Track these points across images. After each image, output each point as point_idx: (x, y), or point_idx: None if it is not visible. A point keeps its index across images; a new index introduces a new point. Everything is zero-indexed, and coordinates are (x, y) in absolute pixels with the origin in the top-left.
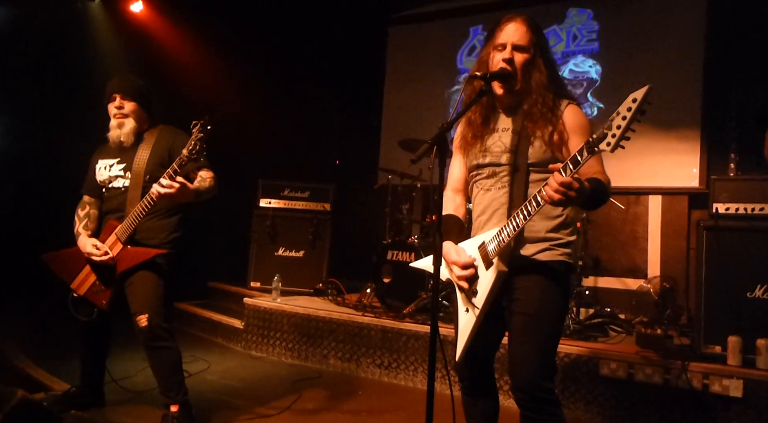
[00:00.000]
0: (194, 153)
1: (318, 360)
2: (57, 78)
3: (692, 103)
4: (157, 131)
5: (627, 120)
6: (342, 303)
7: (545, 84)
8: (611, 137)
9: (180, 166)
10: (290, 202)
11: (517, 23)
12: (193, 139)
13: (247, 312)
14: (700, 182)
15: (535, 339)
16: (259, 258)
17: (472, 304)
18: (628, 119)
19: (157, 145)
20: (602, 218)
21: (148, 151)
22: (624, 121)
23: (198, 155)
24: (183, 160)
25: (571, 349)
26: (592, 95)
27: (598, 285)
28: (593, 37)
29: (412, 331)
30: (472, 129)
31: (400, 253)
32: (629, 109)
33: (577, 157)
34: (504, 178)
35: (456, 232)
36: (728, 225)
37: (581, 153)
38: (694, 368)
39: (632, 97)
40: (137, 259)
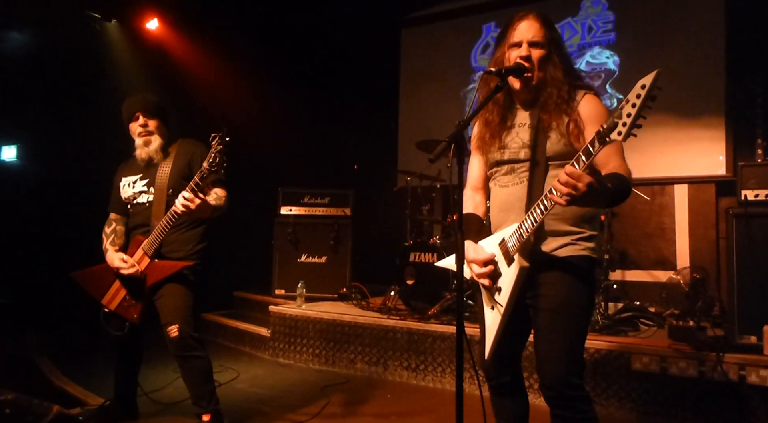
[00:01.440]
0: (214, 165)
1: (345, 365)
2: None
3: (715, 89)
4: (176, 145)
5: (637, 107)
6: (366, 307)
7: (561, 77)
8: (622, 126)
9: (201, 178)
10: (311, 209)
11: (530, 20)
12: (213, 151)
13: (273, 320)
14: (727, 169)
15: (561, 336)
16: (282, 266)
17: (497, 302)
18: (638, 106)
19: (178, 159)
20: (627, 211)
21: (170, 165)
22: (634, 108)
23: (218, 167)
24: (204, 173)
25: (600, 345)
26: (611, 86)
27: (626, 279)
28: (609, 28)
29: (438, 332)
30: (489, 129)
31: (422, 254)
32: (638, 95)
33: (589, 148)
34: (522, 173)
35: (476, 231)
36: (758, 211)
37: (593, 144)
38: (729, 360)
39: (641, 84)
40: (165, 272)
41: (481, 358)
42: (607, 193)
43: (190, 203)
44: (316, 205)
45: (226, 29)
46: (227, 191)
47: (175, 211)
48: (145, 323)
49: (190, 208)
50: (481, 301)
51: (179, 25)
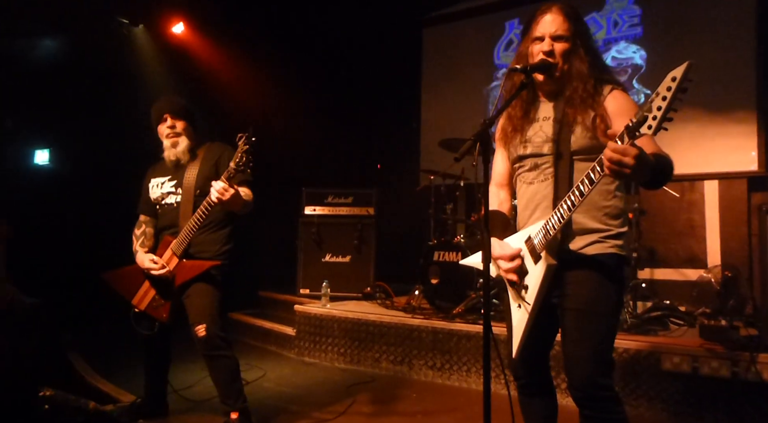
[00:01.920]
0: (241, 165)
1: (370, 364)
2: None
3: (746, 83)
4: (204, 147)
5: (667, 100)
6: (391, 306)
7: (586, 71)
8: (652, 120)
9: (228, 178)
10: (334, 209)
11: (554, 13)
12: (239, 151)
13: (298, 319)
14: (759, 165)
15: (589, 335)
16: (307, 265)
17: (524, 300)
18: (669, 99)
19: (205, 161)
20: (656, 208)
21: (197, 167)
22: (664, 102)
23: (245, 167)
24: (231, 173)
25: (630, 344)
26: (638, 82)
27: (654, 277)
28: (636, 22)
29: (463, 331)
30: (512, 122)
31: (446, 253)
32: (669, 88)
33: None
34: (547, 169)
35: (501, 228)
36: None
37: (621, 138)
38: (763, 360)
39: (671, 76)
40: (193, 272)
41: (509, 358)
42: (651, 165)
43: (225, 193)
44: (339, 205)
45: (251, 31)
46: (253, 191)
47: (209, 202)
48: (174, 322)
49: (223, 200)
50: (508, 299)
51: (204, 29)
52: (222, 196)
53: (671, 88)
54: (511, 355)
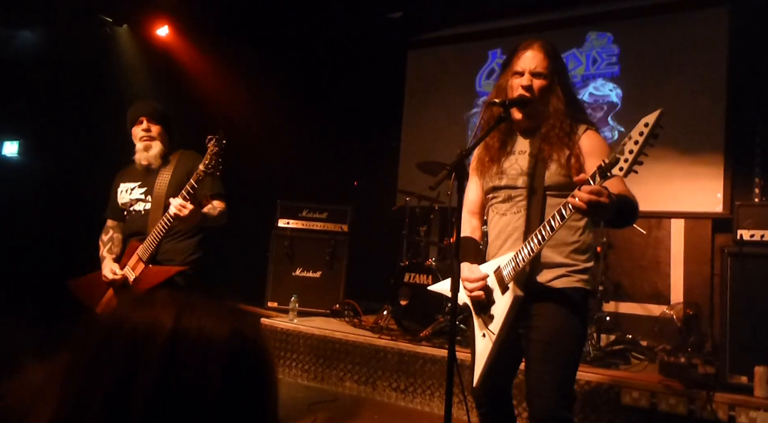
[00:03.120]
0: (210, 167)
1: (334, 382)
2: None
3: (715, 126)
4: (178, 155)
5: (639, 144)
6: (358, 325)
7: (563, 109)
8: (623, 162)
9: (197, 181)
10: (308, 223)
11: (535, 50)
12: (209, 153)
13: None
14: (724, 207)
15: (553, 367)
16: (277, 278)
17: (489, 329)
18: (641, 143)
19: (178, 169)
20: (623, 243)
21: (169, 174)
22: (636, 145)
23: (214, 169)
24: (200, 175)
25: (591, 377)
26: (612, 119)
27: (619, 310)
28: (613, 61)
29: (428, 354)
30: (489, 153)
31: (417, 275)
32: (641, 133)
33: (589, 182)
34: (520, 202)
35: (472, 254)
36: (753, 252)
37: (593, 178)
38: (719, 399)
39: (644, 122)
40: (158, 278)
41: (471, 385)
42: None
43: (182, 209)
44: (313, 220)
45: (235, 42)
46: (226, 205)
47: (168, 217)
48: None
49: (180, 215)
50: (473, 327)
51: (189, 34)
52: (180, 213)
53: (643, 133)
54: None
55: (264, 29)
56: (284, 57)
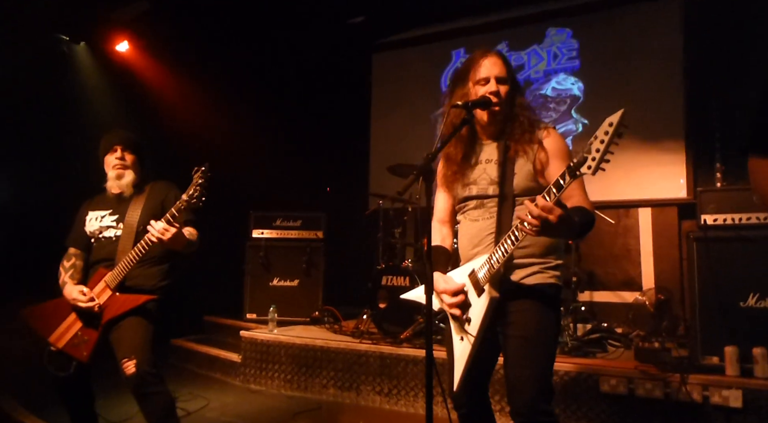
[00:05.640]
0: (194, 198)
1: (318, 390)
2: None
3: (675, 114)
4: (150, 185)
5: (605, 143)
6: (339, 331)
7: (528, 106)
8: (591, 160)
9: (179, 210)
10: (283, 232)
11: (495, 57)
12: (194, 184)
13: (244, 345)
14: (688, 193)
15: (532, 362)
16: (254, 289)
17: (466, 332)
18: (606, 143)
19: (151, 199)
20: (594, 233)
21: (142, 203)
22: (602, 144)
23: (198, 200)
24: (182, 205)
25: (570, 367)
26: (576, 112)
27: (594, 299)
28: (574, 55)
29: (410, 356)
30: (451, 165)
31: (394, 277)
32: (606, 132)
33: (560, 182)
34: (492, 208)
35: (444, 263)
36: (717, 235)
37: (563, 177)
38: (693, 380)
39: (608, 121)
40: (127, 306)
41: (450, 388)
42: (575, 225)
43: (165, 233)
44: (288, 229)
45: (199, 53)
46: (198, 232)
47: (149, 239)
48: (95, 361)
49: (163, 239)
50: (450, 331)
51: (150, 49)
52: (162, 236)
53: (608, 132)
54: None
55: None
56: (250, 67)
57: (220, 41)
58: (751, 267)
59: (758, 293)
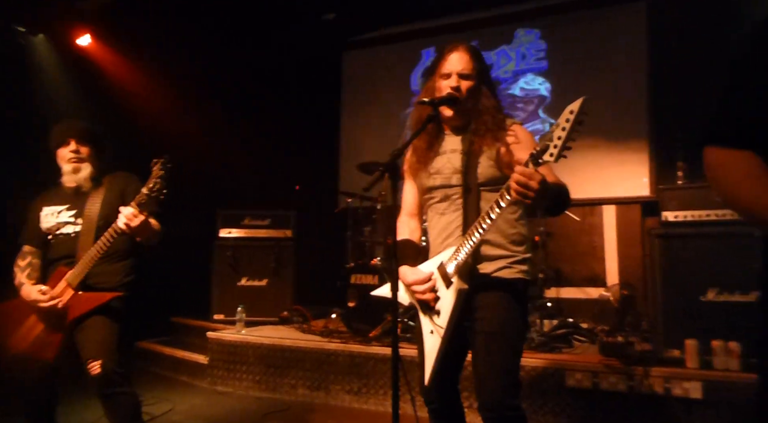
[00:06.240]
0: (155, 191)
1: (286, 391)
2: None
3: (640, 114)
4: (109, 177)
5: (567, 131)
6: (308, 330)
7: (494, 105)
8: (553, 148)
9: (139, 204)
10: (251, 231)
11: (460, 52)
12: (154, 177)
13: (211, 346)
14: (651, 191)
15: (499, 358)
16: (222, 289)
17: (436, 325)
18: (568, 130)
19: (110, 191)
20: (560, 230)
21: (101, 196)
22: (564, 131)
23: (158, 193)
24: (143, 199)
25: (537, 362)
26: (543, 112)
27: (560, 296)
28: (542, 56)
29: (379, 354)
30: (417, 154)
31: (363, 276)
32: (567, 120)
33: None
34: (457, 200)
35: (413, 256)
36: (678, 232)
37: (527, 165)
38: (655, 373)
39: (569, 109)
40: (91, 304)
41: (421, 384)
42: (553, 193)
43: (134, 219)
44: (256, 227)
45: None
46: (161, 224)
47: (115, 229)
48: (61, 362)
49: (131, 226)
50: (420, 326)
51: (113, 42)
52: (130, 223)
53: (569, 119)
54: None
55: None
56: (217, 62)
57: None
58: (710, 262)
59: (717, 288)
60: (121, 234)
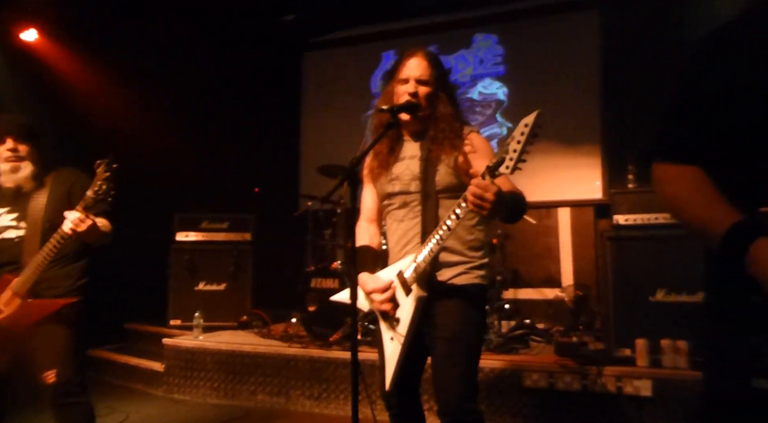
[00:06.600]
0: (101, 194)
1: (246, 397)
2: None
3: (593, 119)
4: (53, 175)
5: (521, 144)
6: (268, 335)
7: (450, 113)
8: (509, 160)
9: (85, 208)
10: (209, 235)
11: (419, 58)
12: (98, 179)
13: (167, 353)
14: (603, 194)
15: (457, 362)
16: (178, 294)
17: (397, 332)
18: (522, 143)
19: (55, 190)
20: (518, 232)
21: (45, 196)
22: (519, 144)
23: (105, 196)
24: (88, 203)
25: (495, 364)
26: (501, 116)
27: (518, 297)
28: (499, 61)
29: (340, 359)
30: (378, 159)
31: (323, 279)
32: (522, 133)
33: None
34: (416, 207)
35: (372, 263)
36: (628, 235)
37: (483, 177)
38: (608, 372)
39: (524, 122)
40: (42, 313)
41: (382, 389)
42: (509, 203)
43: (80, 224)
44: (215, 231)
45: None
46: (112, 223)
47: (62, 234)
48: (13, 374)
49: (78, 231)
50: (380, 331)
51: (62, 38)
52: (77, 228)
53: (524, 132)
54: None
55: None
56: (175, 61)
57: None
58: (659, 264)
59: (666, 288)
60: (68, 239)
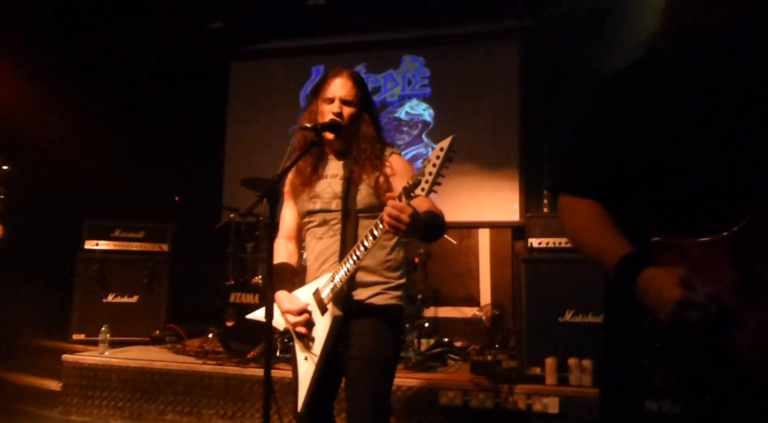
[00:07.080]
0: None
1: (153, 417)
2: None
3: (511, 144)
4: None
5: (437, 167)
6: (182, 350)
7: (372, 134)
8: (424, 183)
9: None
10: (122, 244)
11: (344, 78)
12: None
13: (66, 370)
14: (521, 217)
15: (370, 384)
16: (84, 307)
17: (311, 352)
18: (438, 166)
19: None
20: (440, 251)
21: None
22: (434, 168)
23: None
24: None
25: (412, 382)
26: (426, 136)
27: (438, 315)
28: (426, 83)
29: (256, 376)
30: (300, 177)
31: (243, 294)
32: (438, 157)
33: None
34: (335, 225)
35: (289, 281)
36: (542, 257)
37: (399, 198)
38: (519, 390)
39: (439, 146)
40: None
41: (294, 410)
42: (424, 224)
43: None
44: (128, 240)
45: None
46: (3, 225)
47: None
48: None
49: None
50: (295, 350)
51: None
52: None
53: (439, 156)
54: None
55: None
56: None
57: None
58: (568, 286)
59: (573, 309)
60: None
